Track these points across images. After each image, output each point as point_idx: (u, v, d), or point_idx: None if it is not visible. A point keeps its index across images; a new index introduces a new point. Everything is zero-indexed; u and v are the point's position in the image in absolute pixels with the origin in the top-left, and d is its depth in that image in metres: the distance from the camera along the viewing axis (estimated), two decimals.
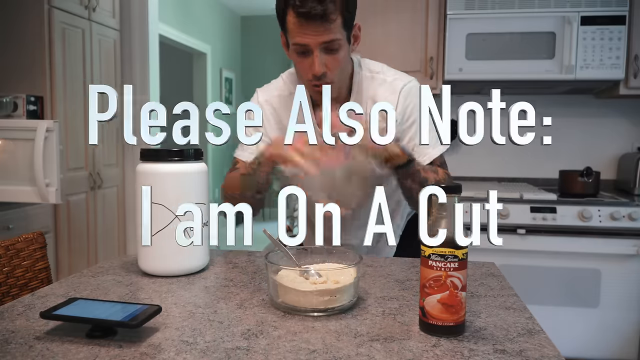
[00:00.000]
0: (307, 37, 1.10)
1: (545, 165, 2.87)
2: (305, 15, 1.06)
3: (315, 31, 1.08)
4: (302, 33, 1.09)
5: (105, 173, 3.31)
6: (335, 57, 1.14)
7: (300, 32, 1.10)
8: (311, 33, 1.09)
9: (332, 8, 1.07)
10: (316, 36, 1.09)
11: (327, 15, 1.07)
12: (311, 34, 1.09)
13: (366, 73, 1.27)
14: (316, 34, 1.09)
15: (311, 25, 1.08)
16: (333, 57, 1.13)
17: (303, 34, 1.09)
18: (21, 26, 2.72)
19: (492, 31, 2.45)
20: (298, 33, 1.10)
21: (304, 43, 1.11)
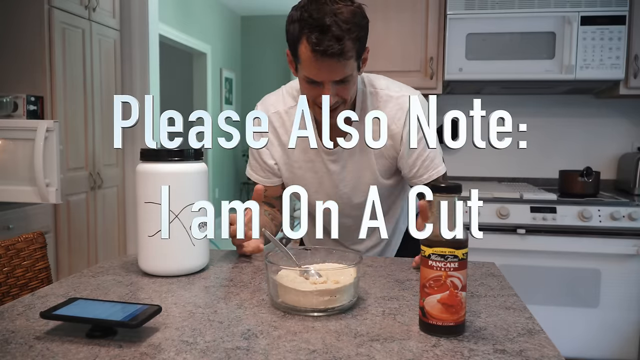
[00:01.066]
0: (321, 75, 1.08)
1: (545, 165, 2.87)
2: (322, 53, 1.03)
3: (330, 69, 1.06)
4: (315, 70, 1.07)
5: (105, 173, 3.31)
6: (345, 87, 1.12)
7: (314, 69, 1.07)
8: (325, 71, 1.07)
9: (350, 46, 1.05)
10: (330, 74, 1.07)
11: (344, 53, 1.04)
12: (325, 71, 1.07)
13: (369, 89, 1.25)
14: (330, 71, 1.07)
15: (326, 62, 1.05)
16: (344, 87, 1.12)
17: (317, 70, 1.07)
18: (21, 26, 2.72)
19: (492, 31, 2.45)
20: (311, 69, 1.07)
21: (317, 79, 1.09)
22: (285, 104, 1.28)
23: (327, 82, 1.09)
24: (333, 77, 1.08)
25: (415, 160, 1.24)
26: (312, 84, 1.11)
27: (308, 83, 1.12)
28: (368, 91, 1.25)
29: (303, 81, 1.13)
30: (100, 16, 3.19)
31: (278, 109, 1.28)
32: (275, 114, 1.28)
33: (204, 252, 1.09)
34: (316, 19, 1.03)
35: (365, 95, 1.24)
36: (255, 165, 1.33)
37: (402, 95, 1.24)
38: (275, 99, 1.31)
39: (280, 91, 1.33)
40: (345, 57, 1.05)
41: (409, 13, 2.57)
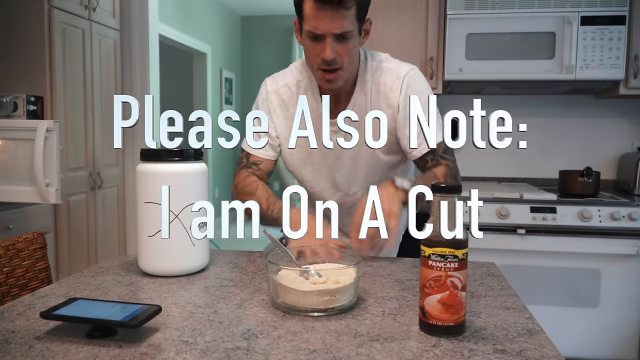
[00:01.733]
0: (322, 25, 1.13)
1: (545, 165, 2.87)
2: (323, 1, 1.10)
3: (330, 19, 1.12)
4: (317, 20, 1.13)
5: (105, 173, 3.31)
6: (345, 46, 1.16)
7: (315, 19, 1.13)
8: (326, 21, 1.12)
9: None
10: (330, 25, 1.12)
11: (343, 2, 1.10)
12: (326, 22, 1.12)
13: (373, 63, 1.29)
14: (330, 21, 1.12)
15: (327, 11, 1.11)
16: (343, 45, 1.16)
17: (318, 21, 1.13)
18: (21, 26, 2.72)
19: (492, 31, 2.45)
20: (313, 19, 1.13)
21: (317, 31, 1.14)
22: (294, 77, 1.33)
23: (328, 34, 1.14)
24: (333, 27, 1.13)
25: None
26: (314, 41, 1.16)
27: (311, 40, 1.17)
28: (369, 64, 1.29)
29: (306, 41, 1.18)
30: (100, 16, 3.19)
31: (287, 82, 1.34)
32: (284, 86, 1.33)
33: (204, 252, 1.09)
34: None
35: (367, 67, 1.29)
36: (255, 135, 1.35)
37: (400, 66, 1.28)
38: (284, 73, 1.36)
39: (289, 68, 1.38)
40: (344, 6, 1.11)
41: (409, 13, 2.57)
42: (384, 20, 2.58)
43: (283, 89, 1.34)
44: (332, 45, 1.14)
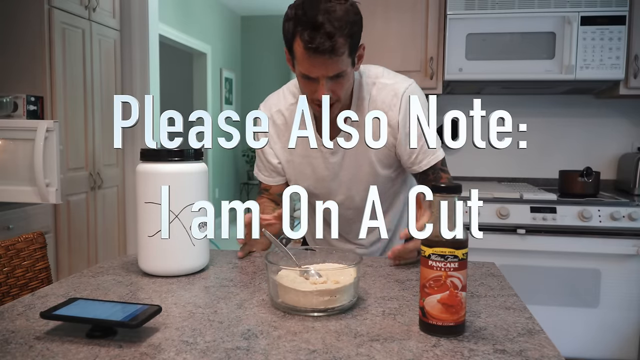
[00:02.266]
0: (314, 70, 1.11)
1: (545, 165, 2.87)
2: (314, 50, 1.07)
3: (323, 65, 1.09)
4: (309, 65, 1.10)
5: (105, 173, 3.31)
6: (340, 83, 1.15)
7: (308, 64, 1.10)
8: (318, 67, 1.10)
9: (341, 42, 1.07)
10: (324, 69, 1.10)
11: (335, 50, 1.07)
12: (318, 67, 1.10)
13: (367, 80, 1.27)
14: (323, 67, 1.10)
15: (319, 58, 1.08)
16: (338, 83, 1.15)
17: (310, 66, 1.10)
18: (21, 26, 2.72)
19: (492, 31, 2.45)
20: (305, 65, 1.11)
21: (311, 75, 1.12)
22: (287, 101, 1.32)
23: (322, 77, 1.12)
24: (326, 72, 1.11)
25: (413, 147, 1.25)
26: (308, 80, 1.14)
27: (304, 79, 1.15)
28: (364, 81, 1.27)
29: (299, 77, 1.17)
30: (100, 16, 3.19)
31: (280, 107, 1.32)
32: (277, 112, 1.32)
33: (204, 252, 1.09)
34: (309, 17, 1.06)
35: (362, 85, 1.27)
36: (261, 165, 1.38)
37: (396, 82, 1.26)
38: (277, 98, 1.35)
39: (281, 90, 1.36)
40: (336, 53, 1.08)
41: (409, 13, 2.57)
42: (384, 21, 2.58)
43: (276, 115, 1.32)
44: (326, 85, 1.12)
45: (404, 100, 1.23)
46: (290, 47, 1.13)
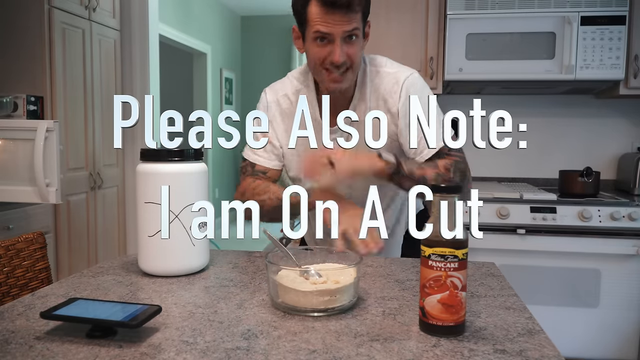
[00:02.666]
0: (331, 26, 1.12)
1: (545, 165, 2.87)
2: (332, 4, 1.10)
3: (340, 20, 1.12)
4: (325, 22, 1.12)
5: (105, 173, 3.31)
6: (353, 46, 1.16)
7: (324, 21, 1.12)
8: (335, 22, 1.12)
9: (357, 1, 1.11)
10: (340, 25, 1.12)
11: (352, 5, 1.11)
12: (335, 22, 1.12)
13: (371, 68, 1.29)
14: (340, 22, 1.12)
15: (336, 13, 1.11)
16: (352, 47, 1.16)
17: (327, 22, 1.12)
18: (21, 26, 2.72)
19: (492, 31, 2.45)
20: (321, 22, 1.13)
21: (327, 32, 1.13)
22: (293, 86, 1.33)
23: (337, 36, 1.13)
24: (343, 27, 1.12)
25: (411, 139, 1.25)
26: (321, 42, 1.15)
27: (318, 42, 1.15)
28: (369, 69, 1.28)
29: (312, 45, 1.17)
30: (100, 16, 3.19)
31: (286, 92, 1.33)
32: (283, 96, 1.33)
33: (204, 252, 1.09)
34: None
35: (365, 73, 1.28)
36: None
37: (399, 71, 1.27)
38: (282, 83, 1.36)
39: (287, 78, 1.37)
40: (353, 9, 1.11)
41: (409, 13, 2.57)
42: (384, 20, 2.58)
43: (282, 99, 1.33)
44: (341, 47, 1.14)
45: (404, 88, 1.24)
46: (303, 14, 1.15)
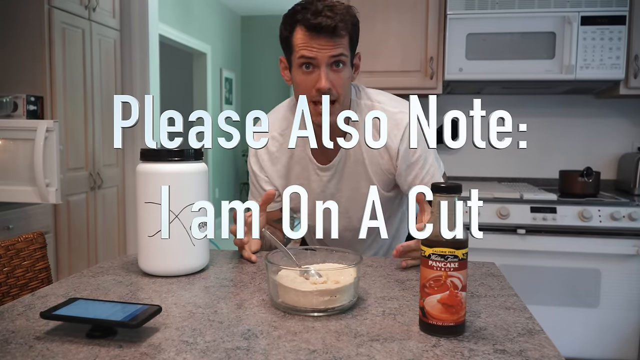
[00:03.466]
0: (316, 51, 1.11)
1: (545, 165, 2.87)
2: (317, 28, 1.08)
3: (325, 44, 1.10)
4: (310, 47, 1.11)
5: (105, 173, 3.31)
6: (340, 75, 1.14)
7: (309, 46, 1.11)
8: (321, 46, 1.10)
9: (342, 25, 1.10)
10: (325, 49, 1.11)
11: (337, 29, 1.09)
12: (321, 47, 1.11)
13: (365, 101, 1.25)
14: (326, 47, 1.10)
15: (321, 38, 1.10)
16: (338, 75, 1.14)
17: (311, 47, 1.11)
18: (21, 26, 2.72)
19: (492, 31, 2.45)
20: (306, 47, 1.11)
21: (312, 56, 1.11)
22: (281, 127, 1.29)
23: (323, 61, 1.11)
24: (329, 52, 1.11)
25: (414, 178, 1.24)
26: (307, 68, 1.13)
27: (303, 69, 1.14)
28: (363, 103, 1.25)
29: (298, 73, 1.15)
30: (100, 16, 3.19)
31: (274, 134, 1.29)
32: (271, 139, 1.30)
33: (204, 252, 1.09)
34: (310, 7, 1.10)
35: (360, 107, 1.24)
36: (255, 192, 1.35)
37: (400, 112, 1.23)
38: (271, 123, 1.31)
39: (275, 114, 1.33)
40: (338, 34, 1.10)
41: (409, 13, 2.57)
42: (384, 21, 2.58)
43: (270, 142, 1.30)
44: (326, 73, 1.12)
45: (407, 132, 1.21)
46: (289, 42, 1.14)
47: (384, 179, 1.27)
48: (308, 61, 1.12)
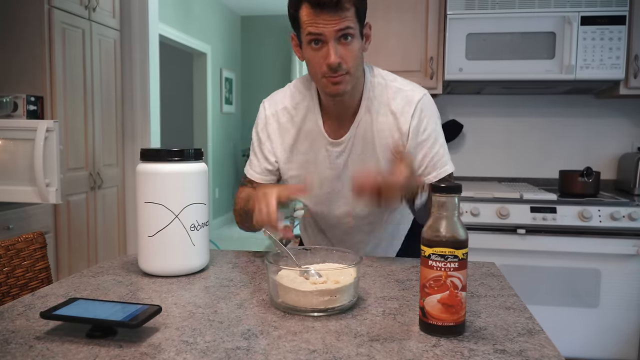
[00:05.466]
0: (321, 26, 1.11)
1: (545, 165, 2.87)
2: (320, 5, 1.08)
3: (330, 19, 1.10)
4: (316, 23, 1.11)
5: (105, 173, 3.31)
6: (349, 48, 1.14)
7: (315, 22, 1.11)
8: (326, 22, 1.10)
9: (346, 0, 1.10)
10: (331, 24, 1.10)
11: (340, 2, 1.09)
12: (326, 22, 1.10)
13: (379, 79, 1.25)
14: (330, 21, 1.10)
15: (325, 13, 1.09)
16: (347, 48, 1.13)
17: (317, 23, 1.10)
18: (21, 26, 2.72)
19: (492, 31, 2.45)
20: (312, 23, 1.11)
21: (318, 32, 1.11)
22: (293, 98, 1.29)
23: (330, 37, 1.11)
24: (333, 27, 1.10)
25: (423, 158, 1.22)
26: (317, 45, 1.13)
27: (312, 46, 1.14)
28: (376, 81, 1.25)
29: (308, 50, 1.15)
30: (100, 16, 3.19)
31: (286, 105, 1.29)
32: (283, 109, 1.29)
33: (204, 252, 1.09)
34: None
35: (374, 85, 1.24)
36: (255, 161, 1.33)
37: (412, 89, 1.24)
38: (283, 95, 1.32)
39: (288, 88, 1.34)
40: (342, 6, 1.09)
41: (410, 13, 2.57)
42: (384, 20, 2.58)
43: (281, 112, 1.29)
44: (335, 48, 1.11)
45: (418, 109, 1.21)
46: (297, 19, 1.14)
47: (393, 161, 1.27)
48: (316, 37, 1.12)
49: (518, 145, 2.88)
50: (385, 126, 1.23)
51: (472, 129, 2.89)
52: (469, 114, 2.87)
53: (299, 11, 1.13)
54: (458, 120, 2.84)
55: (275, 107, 1.30)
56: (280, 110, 1.29)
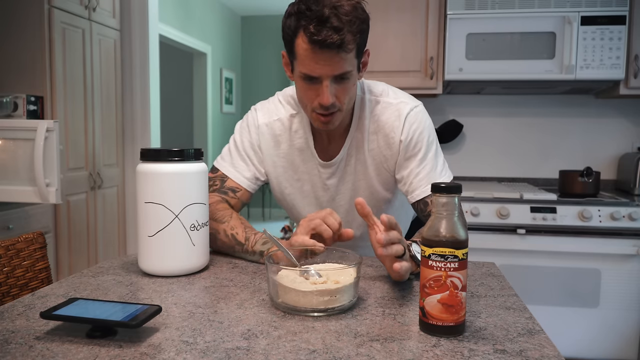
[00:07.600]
0: (320, 68, 1.01)
1: (545, 165, 2.87)
2: (320, 44, 0.97)
3: (329, 62, 1.00)
4: (313, 63, 1.01)
5: (105, 173, 3.31)
6: (344, 87, 1.06)
7: (312, 62, 1.01)
8: (324, 62, 1.00)
9: (350, 38, 0.99)
10: (330, 67, 1.01)
11: (344, 45, 0.98)
12: (325, 63, 1.00)
13: (370, 97, 1.20)
14: (329, 65, 1.00)
15: (325, 54, 0.99)
16: (342, 87, 1.06)
17: (314, 64, 1.01)
18: (21, 26, 2.72)
19: (492, 31, 2.45)
20: (309, 63, 1.02)
21: (315, 75, 1.03)
22: (287, 110, 1.24)
23: (326, 78, 1.03)
24: (332, 71, 1.01)
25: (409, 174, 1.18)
26: (310, 82, 1.05)
27: (305, 81, 1.06)
28: (366, 98, 1.20)
29: (300, 81, 1.08)
30: (100, 16, 3.19)
31: (280, 116, 1.24)
32: (277, 120, 1.24)
33: (204, 252, 1.09)
34: (314, 11, 0.97)
35: (364, 102, 1.19)
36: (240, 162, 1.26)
37: (401, 102, 1.18)
38: (275, 107, 1.26)
39: (276, 99, 1.27)
40: (345, 49, 0.99)
41: (409, 13, 2.57)
42: (384, 20, 2.58)
43: (276, 124, 1.23)
44: (330, 88, 1.03)
45: (407, 123, 1.16)
46: (291, 46, 1.04)
47: (386, 179, 1.23)
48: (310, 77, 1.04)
49: (518, 145, 2.88)
50: (375, 144, 1.19)
51: (472, 129, 2.90)
52: (468, 114, 2.87)
53: (296, 39, 1.02)
54: (458, 120, 2.84)
55: (269, 117, 1.24)
56: (274, 121, 1.24)
